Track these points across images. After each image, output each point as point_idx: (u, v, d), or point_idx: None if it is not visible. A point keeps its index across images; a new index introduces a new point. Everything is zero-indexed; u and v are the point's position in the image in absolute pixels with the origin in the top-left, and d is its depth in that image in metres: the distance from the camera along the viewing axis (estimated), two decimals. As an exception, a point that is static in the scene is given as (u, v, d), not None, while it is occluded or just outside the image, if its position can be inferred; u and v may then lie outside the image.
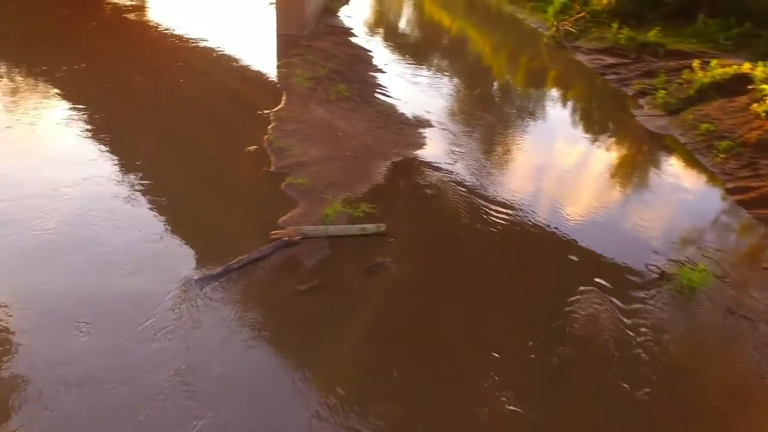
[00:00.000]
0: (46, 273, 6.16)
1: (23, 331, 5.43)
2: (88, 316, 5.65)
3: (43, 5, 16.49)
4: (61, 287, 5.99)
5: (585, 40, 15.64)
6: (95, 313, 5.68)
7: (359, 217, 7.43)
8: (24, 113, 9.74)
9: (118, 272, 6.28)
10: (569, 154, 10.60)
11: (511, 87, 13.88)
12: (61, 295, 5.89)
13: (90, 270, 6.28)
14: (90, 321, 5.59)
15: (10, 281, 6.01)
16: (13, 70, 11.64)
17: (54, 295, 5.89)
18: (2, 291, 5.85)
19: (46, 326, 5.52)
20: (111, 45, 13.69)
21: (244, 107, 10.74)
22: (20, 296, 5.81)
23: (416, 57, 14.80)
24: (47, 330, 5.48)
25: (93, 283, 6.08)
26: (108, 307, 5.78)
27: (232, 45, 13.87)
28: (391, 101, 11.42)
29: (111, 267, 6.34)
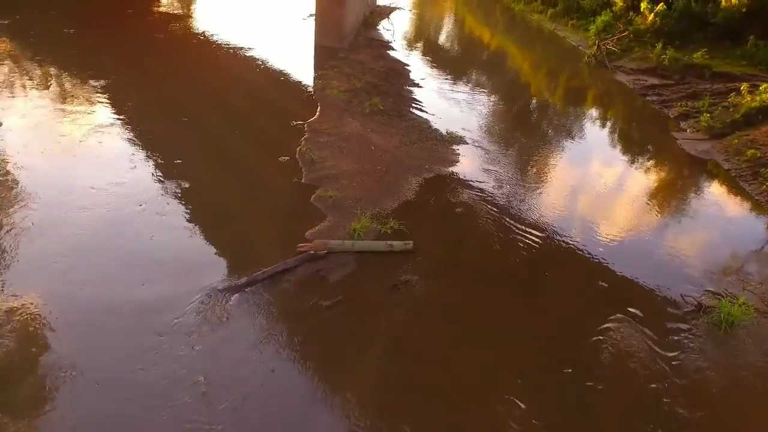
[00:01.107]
0: (76, 276, 6.28)
1: (51, 331, 5.53)
2: (112, 319, 5.73)
3: (93, 16, 17.06)
4: (89, 291, 6.09)
5: (627, 59, 15.31)
6: (119, 318, 5.76)
7: (387, 233, 7.36)
8: (70, 118, 10.05)
9: (145, 278, 6.35)
10: (606, 176, 10.33)
11: (549, 105, 13.66)
12: (89, 298, 5.99)
13: (118, 275, 6.38)
14: (114, 325, 5.67)
15: (43, 282, 6.13)
16: (62, 75, 12.03)
17: (82, 298, 5.99)
18: (35, 291, 5.97)
19: (72, 328, 5.61)
20: (155, 53, 14.08)
21: (280, 117, 10.84)
22: (50, 297, 5.93)
23: (454, 72, 14.72)
24: (73, 332, 5.57)
25: (120, 288, 6.16)
26: (131, 313, 5.84)
27: (272, 55, 14.07)
28: (426, 116, 11.36)
29: (138, 272, 6.43)
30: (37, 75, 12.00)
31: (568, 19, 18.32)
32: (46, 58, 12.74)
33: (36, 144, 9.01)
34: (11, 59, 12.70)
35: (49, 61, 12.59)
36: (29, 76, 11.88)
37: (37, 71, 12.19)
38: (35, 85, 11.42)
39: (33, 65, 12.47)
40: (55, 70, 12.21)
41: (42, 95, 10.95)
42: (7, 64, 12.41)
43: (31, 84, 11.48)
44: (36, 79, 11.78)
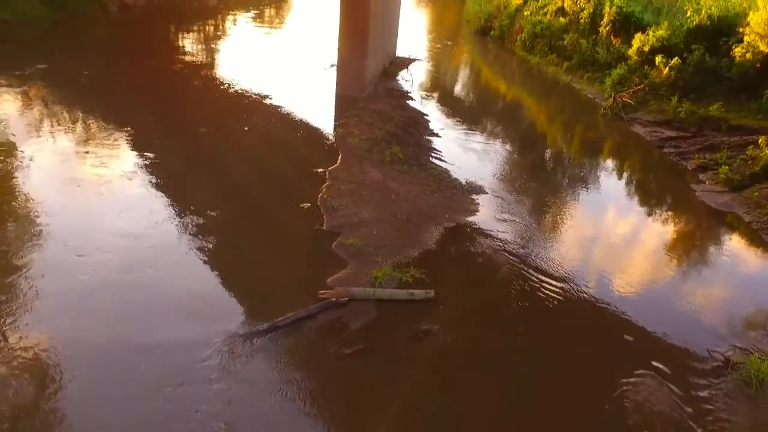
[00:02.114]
0: (95, 317, 6.35)
1: (67, 372, 5.55)
2: (131, 362, 5.75)
3: (120, 59, 17.78)
4: (109, 332, 6.14)
5: (643, 112, 15.50)
6: (138, 361, 5.77)
7: (408, 282, 7.38)
8: (94, 161, 10.35)
9: (165, 322, 6.41)
10: (624, 227, 10.33)
11: (565, 156, 13.79)
12: (108, 340, 6.03)
13: (139, 317, 6.43)
14: (133, 367, 5.68)
15: (60, 323, 6.20)
16: (88, 119, 12.47)
17: (101, 339, 6.03)
18: (52, 331, 6.03)
19: (90, 369, 5.64)
20: (179, 101, 14.60)
21: (301, 164, 11.05)
22: (68, 338, 5.98)
23: (471, 122, 15.00)
24: (90, 373, 5.59)
25: (140, 331, 6.20)
26: (151, 356, 5.86)
27: (294, 104, 14.48)
28: (445, 166, 11.52)
29: (158, 316, 6.49)
30: (64, 118, 12.50)
31: (584, 72, 18.67)
32: (74, 103, 13.30)
33: (58, 185, 9.28)
34: (41, 102, 13.28)
35: (76, 106, 13.13)
36: (57, 119, 12.38)
37: (64, 114, 12.73)
38: (62, 128, 11.89)
39: (61, 108, 13.03)
40: (82, 114, 12.69)
41: (68, 138, 11.38)
42: (36, 106, 12.98)
43: (58, 126, 11.96)
44: (63, 121, 12.28)
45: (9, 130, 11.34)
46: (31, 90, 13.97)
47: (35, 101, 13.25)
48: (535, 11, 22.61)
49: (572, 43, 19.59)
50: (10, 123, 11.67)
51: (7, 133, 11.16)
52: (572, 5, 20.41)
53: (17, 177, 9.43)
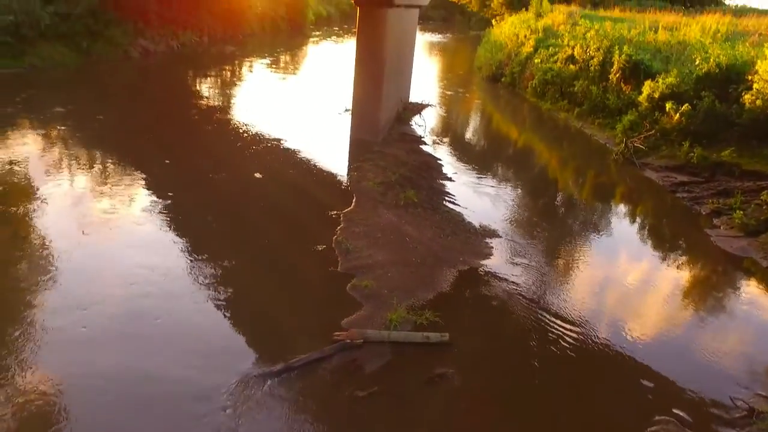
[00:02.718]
0: (106, 358, 6.39)
1: (75, 412, 5.56)
2: (143, 402, 5.76)
3: (140, 103, 18.33)
4: (119, 373, 6.16)
5: (655, 157, 15.59)
6: (151, 401, 5.78)
7: (423, 325, 7.37)
8: (110, 202, 10.60)
9: (179, 362, 6.44)
10: (639, 272, 10.27)
11: (577, 200, 13.84)
12: (119, 381, 6.05)
13: (152, 358, 6.46)
14: (145, 409, 5.68)
15: (70, 362, 6.25)
16: (106, 160, 12.88)
17: (111, 380, 6.05)
18: (61, 371, 6.07)
19: (100, 411, 5.64)
20: (195, 143, 15.06)
21: (316, 207, 11.22)
22: (76, 378, 6.02)
23: (484, 167, 15.17)
24: (101, 415, 5.59)
25: (152, 371, 6.23)
26: (164, 396, 5.88)
27: (309, 147, 14.80)
28: (459, 209, 11.61)
29: (172, 357, 6.52)
30: (82, 160, 12.92)
31: (595, 117, 18.91)
32: (92, 145, 13.79)
33: (70, 227, 9.46)
34: (61, 144, 13.77)
35: (94, 148, 13.61)
36: (75, 161, 12.78)
37: (83, 156, 13.16)
38: (79, 169, 12.27)
39: (80, 150, 13.51)
40: (99, 156, 13.15)
41: (84, 179, 11.73)
42: (56, 148, 13.45)
43: (76, 168, 12.34)
44: (81, 163, 12.68)
45: (28, 170, 11.70)
46: (53, 132, 14.48)
47: (55, 143, 13.72)
48: (546, 59, 23.09)
49: (583, 89, 19.91)
50: (30, 163, 12.06)
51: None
52: (582, 53, 20.82)
53: (31, 217, 9.67)
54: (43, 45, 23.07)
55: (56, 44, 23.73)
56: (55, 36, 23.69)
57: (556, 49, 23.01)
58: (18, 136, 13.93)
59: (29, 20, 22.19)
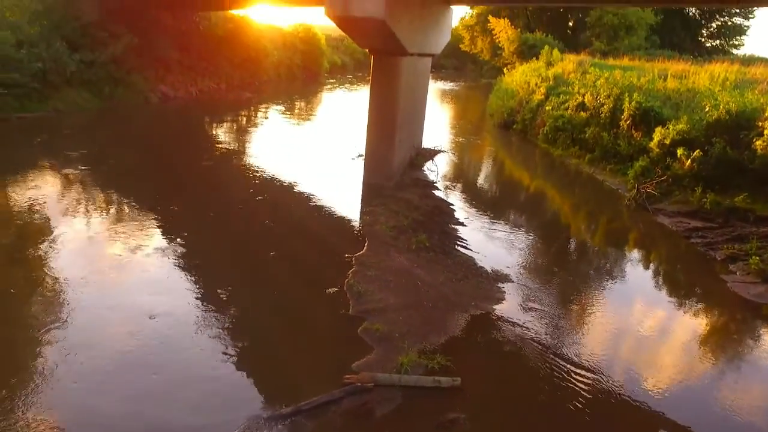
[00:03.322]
0: (113, 399, 6.37)
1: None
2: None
3: (157, 146, 18.77)
4: (126, 416, 6.13)
5: (668, 202, 15.58)
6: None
7: (434, 369, 7.30)
8: (123, 241, 10.80)
9: (187, 404, 6.40)
10: (654, 319, 10.13)
11: (590, 246, 13.80)
12: (123, 428, 6.00)
13: (158, 400, 6.44)
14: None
15: (73, 408, 6.22)
16: (121, 201, 13.22)
17: (115, 428, 6.00)
18: (63, 416, 6.03)
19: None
20: (210, 185, 15.37)
21: (328, 250, 11.32)
22: (79, 425, 5.97)
23: (496, 212, 15.23)
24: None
25: (161, 414, 6.20)
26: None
27: (322, 191, 15.02)
28: (471, 254, 11.63)
29: (180, 398, 6.50)
30: (99, 200, 13.26)
31: (606, 163, 19.04)
32: (109, 186, 14.20)
33: (84, 265, 9.63)
34: (79, 185, 14.17)
35: (111, 189, 14.01)
36: (91, 201, 13.12)
37: (99, 197, 13.52)
38: (95, 209, 12.60)
39: (97, 191, 13.89)
40: (116, 197, 13.51)
41: (100, 219, 12.02)
42: (74, 188, 13.82)
43: (92, 208, 12.66)
44: (97, 203, 13.02)
45: (45, 211, 12.00)
46: (70, 174, 14.92)
47: (73, 184, 14.11)
48: (557, 106, 23.43)
49: (594, 136, 20.12)
50: (47, 205, 12.37)
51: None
52: (592, 101, 21.13)
53: (44, 259, 9.82)
54: (68, 90, 23.95)
55: (80, 89, 24.63)
56: (79, 82, 24.64)
57: (567, 96, 23.38)
58: (37, 178, 14.33)
59: (56, 67, 23.16)
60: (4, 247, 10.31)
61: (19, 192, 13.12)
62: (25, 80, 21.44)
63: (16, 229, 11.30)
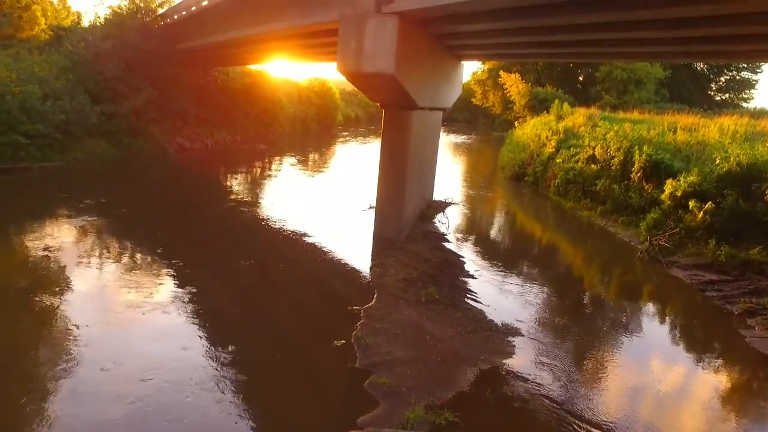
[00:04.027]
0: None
1: None
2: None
3: (172, 195, 19.05)
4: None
5: (681, 255, 15.38)
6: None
7: (442, 425, 7.10)
8: (135, 290, 10.83)
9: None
10: (672, 375, 9.84)
11: (603, 299, 13.59)
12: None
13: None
14: None
15: None
16: (135, 250, 13.38)
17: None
18: None
19: None
20: (223, 235, 15.56)
21: (337, 301, 11.28)
22: None
23: (507, 264, 15.11)
24: None
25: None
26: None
27: (333, 242, 15.08)
28: (481, 307, 11.48)
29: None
30: (113, 248, 13.48)
31: (618, 215, 18.95)
32: (123, 234, 14.46)
33: (96, 312, 9.76)
34: (95, 232, 14.41)
35: (125, 237, 14.23)
36: (106, 248, 13.33)
37: (114, 244, 13.75)
38: (109, 257, 12.77)
39: (112, 239, 14.15)
40: (130, 245, 13.69)
41: (113, 266, 12.16)
42: (90, 236, 14.04)
43: (106, 255, 12.83)
44: (112, 251, 13.21)
45: (60, 259, 12.16)
46: (87, 222, 15.21)
47: (88, 232, 14.36)
48: (567, 159, 23.57)
49: (605, 188, 20.13)
50: (62, 252, 12.55)
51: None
52: (603, 153, 21.24)
53: (57, 306, 9.93)
54: (88, 141, 24.68)
55: (99, 140, 25.39)
56: (99, 132, 25.45)
57: (578, 149, 23.55)
58: (55, 226, 14.67)
59: (78, 119, 23.98)
60: (18, 294, 10.47)
61: (37, 239, 13.39)
62: (49, 131, 22.20)
63: (31, 276, 11.50)
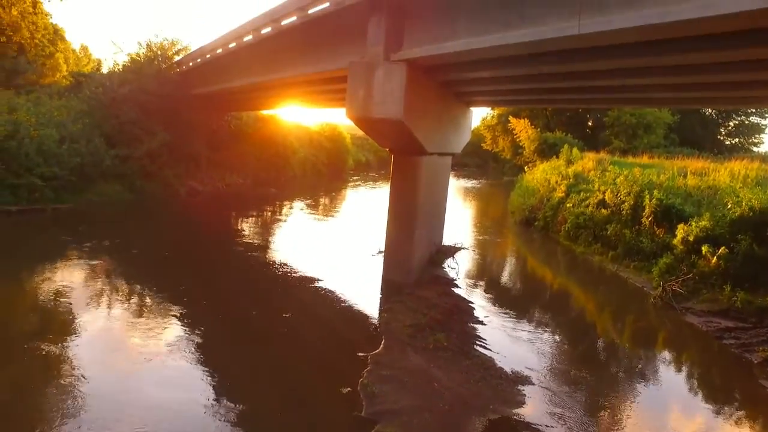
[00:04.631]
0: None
1: None
2: None
3: (183, 238, 19.11)
4: None
5: (696, 301, 15.08)
6: None
7: (449, 480, 6.86)
8: (142, 333, 10.82)
9: None
10: (689, 428, 9.49)
11: (617, 346, 13.27)
12: None
13: None
14: None
15: None
16: (144, 292, 13.42)
17: None
18: None
19: None
20: (232, 278, 15.57)
21: (344, 347, 11.14)
22: None
23: (517, 310, 14.87)
24: None
25: None
26: None
27: (340, 287, 14.98)
28: (491, 354, 11.24)
29: None
30: (123, 290, 13.53)
31: (630, 260, 18.71)
32: (133, 276, 14.53)
33: (103, 355, 9.77)
34: (105, 274, 14.47)
35: (135, 279, 14.31)
36: (116, 290, 13.38)
37: (123, 286, 13.82)
38: (119, 299, 12.80)
39: (121, 280, 14.22)
40: (139, 287, 13.75)
41: (122, 309, 12.16)
42: (100, 277, 14.10)
43: (116, 297, 12.87)
44: (121, 293, 13.26)
45: (70, 300, 12.20)
46: (97, 264, 15.32)
47: (98, 274, 14.43)
48: (577, 203, 23.50)
49: (616, 233, 19.96)
50: (72, 294, 12.61)
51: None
52: (613, 198, 21.17)
53: (65, 348, 9.92)
54: (101, 183, 25.09)
55: (113, 182, 25.78)
56: (113, 175, 25.86)
57: (587, 194, 23.50)
58: (65, 267, 14.81)
59: (93, 161, 24.44)
60: (26, 335, 10.51)
61: (47, 281, 13.52)
62: (64, 173, 22.67)
63: (40, 318, 11.57)
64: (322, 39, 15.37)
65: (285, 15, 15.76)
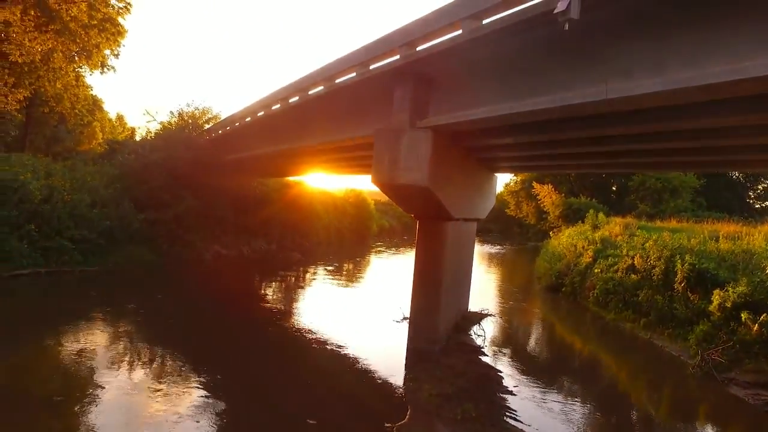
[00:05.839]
0: None
1: None
2: None
3: (207, 302, 19.07)
4: None
5: (739, 371, 14.30)
6: None
7: None
8: (163, 398, 10.64)
9: None
10: None
11: (654, 419, 12.55)
12: None
13: None
14: None
15: None
16: (166, 356, 13.34)
17: None
18: None
19: None
20: (255, 343, 15.46)
21: (370, 417, 10.79)
22: None
23: (547, 380, 14.30)
24: None
25: None
26: None
27: (365, 354, 14.61)
28: (521, 426, 10.73)
29: None
30: (144, 354, 13.42)
31: (664, 327, 18.04)
32: (155, 340, 14.52)
33: (123, 419, 9.62)
34: (127, 337, 14.47)
35: (157, 343, 14.26)
36: (137, 354, 13.27)
37: (145, 350, 13.72)
38: (140, 363, 12.69)
39: (143, 344, 14.15)
40: (161, 351, 13.67)
41: (143, 373, 12.04)
42: (122, 341, 14.10)
43: (137, 361, 12.76)
44: (142, 357, 13.13)
45: (92, 362, 12.23)
46: (120, 326, 15.36)
47: (121, 337, 14.45)
48: (606, 269, 23.01)
49: (647, 299, 19.38)
50: (95, 356, 12.63)
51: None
52: (643, 263, 20.69)
53: (85, 411, 9.86)
54: (129, 246, 25.51)
55: (140, 245, 26.18)
56: (140, 238, 26.27)
57: (616, 258, 23.04)
58: (89, 329, 14.88)
59: (122, 225, 24.96)
60: (47, 395, 10.48)
61: (71, 342, 13.58)
62: (93, 236, 23.12)
63: (62, 379, 11.54)
64: (348, 107, 15.75)
65: (312, 84, 16.26)
